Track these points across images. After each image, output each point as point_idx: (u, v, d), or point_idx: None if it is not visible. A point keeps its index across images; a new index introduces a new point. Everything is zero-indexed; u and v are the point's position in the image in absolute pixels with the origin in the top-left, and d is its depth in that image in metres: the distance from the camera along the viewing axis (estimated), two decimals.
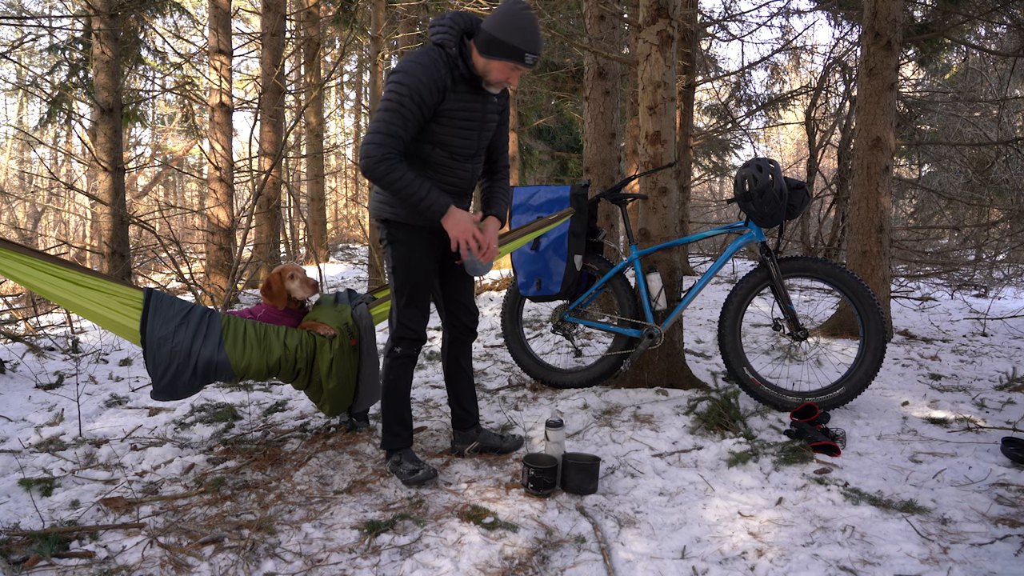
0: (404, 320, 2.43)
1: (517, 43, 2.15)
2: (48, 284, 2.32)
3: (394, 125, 2.16)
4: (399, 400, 2.49)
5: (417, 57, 2.20)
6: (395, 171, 2.15)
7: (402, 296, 2.43)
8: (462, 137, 2.33)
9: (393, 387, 2.48)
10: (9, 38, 16.78)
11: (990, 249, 8.09)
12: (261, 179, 6.84)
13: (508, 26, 2.15)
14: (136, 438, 2.89)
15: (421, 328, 2.46)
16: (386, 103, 2.18)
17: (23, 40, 11.62)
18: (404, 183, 2.16)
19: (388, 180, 2.16)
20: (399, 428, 2.49)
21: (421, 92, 2.16)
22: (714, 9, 33.94)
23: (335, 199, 21.02)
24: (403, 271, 2.41)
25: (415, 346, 2.48)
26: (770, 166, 3.10)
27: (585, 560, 1.86)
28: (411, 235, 2.39)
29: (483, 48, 2.19)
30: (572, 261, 3.41)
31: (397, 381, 2.48)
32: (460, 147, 2.34)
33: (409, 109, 2.16)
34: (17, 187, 17.32)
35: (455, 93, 2.25)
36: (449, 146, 2.32)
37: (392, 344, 2.46)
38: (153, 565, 1.82)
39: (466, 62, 2.22)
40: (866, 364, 3.04)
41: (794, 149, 25.66)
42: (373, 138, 2.16)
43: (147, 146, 17.19)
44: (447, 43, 2.21)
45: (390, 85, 2.19)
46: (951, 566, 1.78)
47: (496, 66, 2.21)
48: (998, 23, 6.68)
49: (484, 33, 2.18)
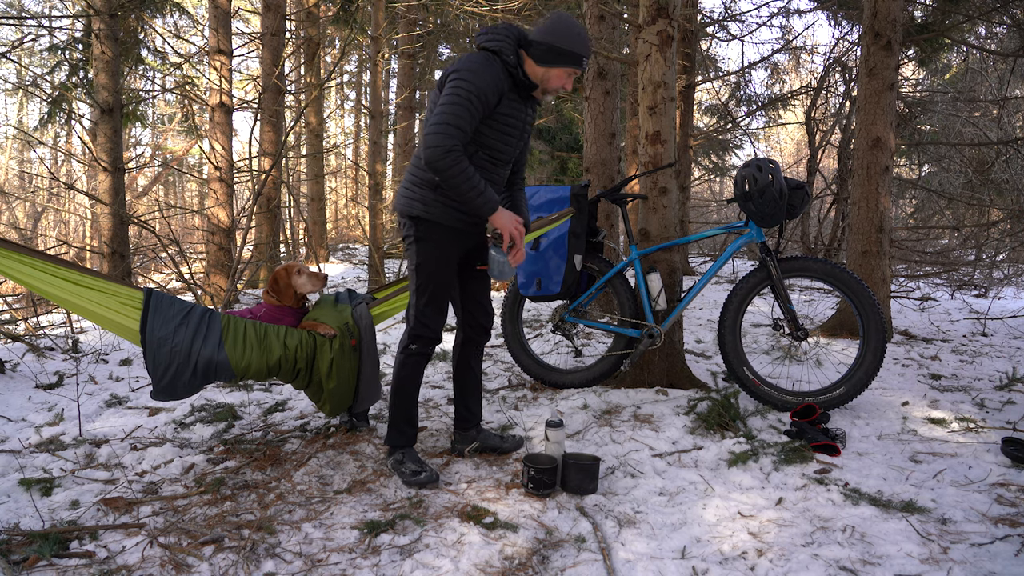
0: (423, 318, 2.43)
1: (576, 49, 2.29)
2: (48, 284, 2.32)
3: (462, 119, 2.17)
4: (409, 397, 2.48)
5: (477, 60, 2.25)
6: (461, 163, 2.17)
7: (424, 294, 2.42)
8: (505, 143, 2.38)
9: (404, 384, 2.47)
10: (9, 38, 16.78)
11: (990, 249, 8.09)
12: (261, 179, 6.84)
13: (566, 35, 2.27)
14: (136, 438, 2.89)
15: (439, 327, 2.46)
16: (453, 97, 2.18)
17: (23, 40, 11.61)
18: (466, 176, 2.18)
19: (453, 172, 2.17)
20: (406, 426, 2.48)
21: (486, 92, 2.21)
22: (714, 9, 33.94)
23: (335, 199, 21.02)
24: (428, 269, 2.40)
25: (431, 345, 2.47)
26: (770, 166, 3.10)
27: (585, 560, 1.86)
28: (441, 233, 2.38)
29: (542, 58, 2.30)
30: (572, 261, 3.41)
31: (409, 378, 2.48)
32: (502, 152, 2.39)
33: (475, 106, 2.19)
34: (17, 187, 17.32)
35: (507, 99, 2.31)
36: (493, 150, 2.36)
37: (407, 341, 2.45)
38: (153, 565, 1.82)
39: (522, 70, 2.31)
40: (866, 364, 3.04)
41: (794, 149, 25.66)
42: (443, 128, 2.15)
43: (147, 146, 17.19)
44: (505, 51, 2.28)
45: (455, 82, 2.20)
46: (951, 566, 1.78)
47: (556, 73, 2.33)
48: (998, 23, 6.68)
49: (541, 44, 2.28)
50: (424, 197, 2.36)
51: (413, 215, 2.38)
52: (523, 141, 2.48)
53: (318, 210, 11.64)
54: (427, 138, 2.17)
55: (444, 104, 2.19)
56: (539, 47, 2.28)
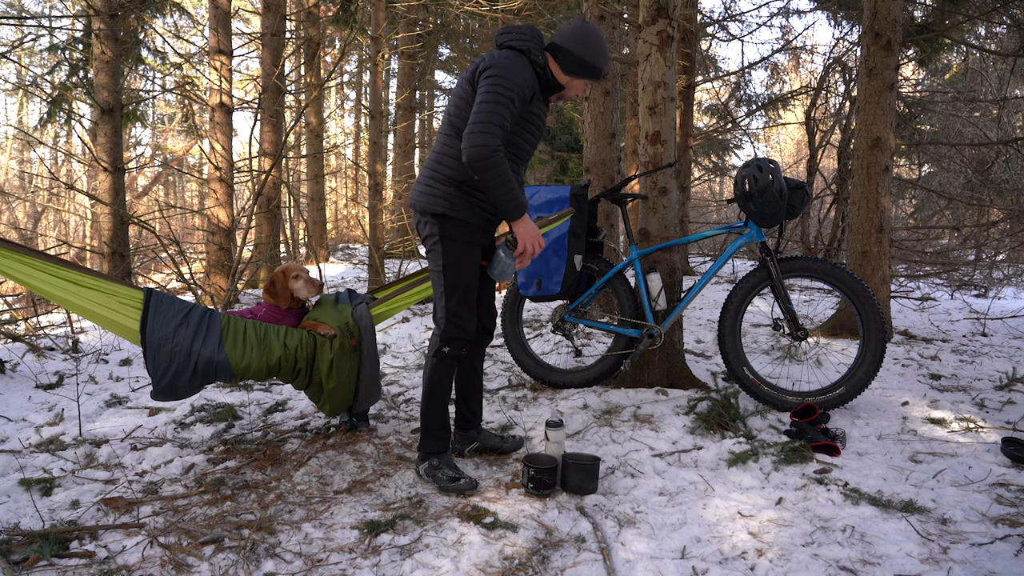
0: (456, 319, 2.37)
1: (601, 64, 2.33)
2: (48, 284, 2.32)
3: (504, 118, 2.17)
4: (443, 402, 2.44)
5: (511, 58, 2.24)
6: (502, 164, 2.15)
7: (454, 294, 2.36)
8: (529, 142, 2.38)
9: (439, 389, 2.43)
10: (9, 38, 16.78)
11: (990, 249, 8.09)
12: (261, 179, 6.84)
13: (594, 48, 2.31)
14: (136, 438, 2.89)
15: (472, 326, 2.41)
16: (494, 95, 2.15)
17: (23, 40, 11.61)
18: (505, 177, 2.16)
19: (494, 172, 2.14)
20: (441, 431, 2.44)
21: (523, 90, 2.22)
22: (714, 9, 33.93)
23: (335, 199, 21.01)
24: (456, 269, 2.35)
25: (465, 346, 2.43)
26: (770, 166, 3.10)
27: (585, 560, 1.86)
28: (466, 231, 2.35)
29: (568, 66, 2.33)
30: (572, 261, 3.41)
31: (443, 382, 2.43)
32: (524, 151, 2.39)
33: (515, 103, 2.19)
34: (17, 187, 17.31)
35: (535, 99, 2.32)
36: (517, 148, 2.35)
37: (440, 344, 2.39)
38: (153, 565, 1.82)
39: (549, 71, 2.33)
40: (866, 364, 3.04)
41: (794, 149, 25.65)
42: (487, 128, 2.12)
43: (147, 146, 17.18)
44: (534, 51, 2.28)
45: (493, 79, 2.18)
46: (951, 566, 1.79)
47: (577, 83, 2.39)
48: (998, 23, 6.68)
49: (568, 53, 2.31)
50: (448, 194, 2.31)
51: (437, 213, 2.32)
52: (539, 138, 2.48)
53: (318, 210, 11.63)
54: (470, 136, 2.13)
55: (485, 103, 2.16)
56: (567, 56, 2.30)
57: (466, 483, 2.31)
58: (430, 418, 2.44)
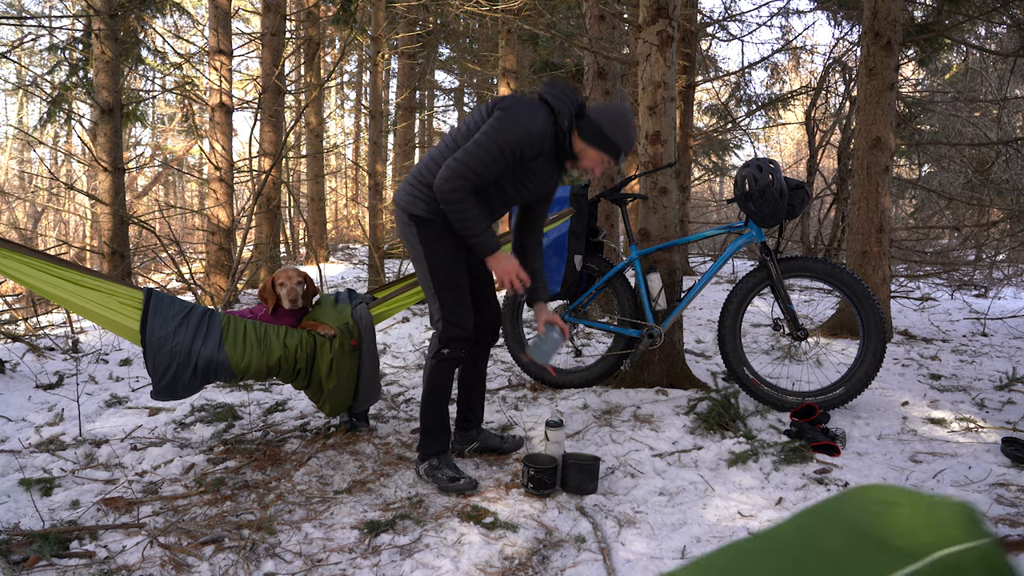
0: (453, 318, 2.36)
1: (620, 143, 2.27)
2: (48, 284, 2.32)
3: (485, 168, 2.17)
4: (443, 404, 2.44)
5: (532, 109, 2.22)
6: (466, 201, 2.17)
7: (447, 294, 2.36)
8: (520, 193, 2.38)
9: (439, 390, 2.42)
10: (9, 38, 16.78)
11: (990, 249, 8.09)
12: (261, 179, 6.83)
13: (618, 126, 2.25)
14: (136, 438, 2.89)
15: (470, 324, 2.39)
16: (489, 141, 2.17)
17: (23, 40, 11.61)
18: (468, 215, 2.19)
19: (456, 208, 2.18)
20: (441, 433, 2.44)
21: (525, 147, 2.20)
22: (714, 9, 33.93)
23: (335, 199, 21.00)
24: (443, 268, 2.35)
25: (466, 346, 2.41)
26: (770, 166, 3.10)
27: (585, 560, 1.86)
28: (444, 233, 2.35)
29: (587, 136, 2.28)
30: (572, 261, 3.41)
31: (443, 384, 2.42)
32: (511, 197, 2.39)
33: (505, 159, 2.19)
34: (17, 187, 17.31)
35: (542, 159, 2.30)
36: (504, 192, 2.35)
37: (440, 345, 2.38)
38: (153, 565, 1.82)
39: (569, 137, 2.29)
40: (866, 364, 3.04)
41: (794, 149, 25.65)
42: (462, 170, 2.15)
43: (147, 146, 17.18)
44: (564, 115, 2.25)
45: (494, 126, 2.18)
46: None
47: (592, 154, 2.30)
48: (998, 23, 6.68)
49: (592, 123, 2.26)
50: (429, 199, 2.31)
51: (416, 214, 2.33)
52: (540, 197, 2.46)
53: (318, 210, 11.63)
54: (441, 176, 2.16)
55: (472, 148, 2.17)
56: (589, 123, 2.26)
57: (466, 483, 2.31)
58: (430, 419, 2.44)
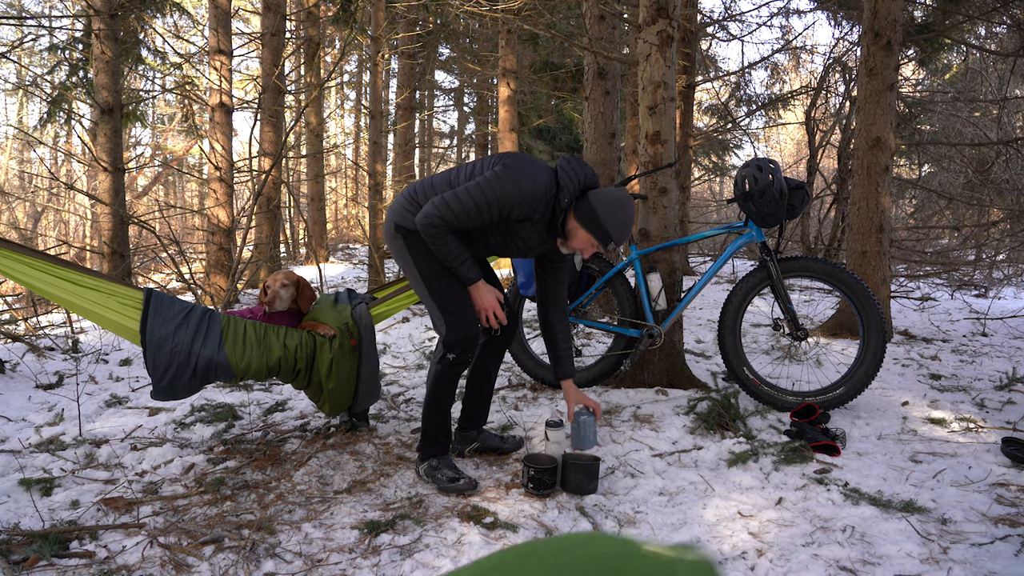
0: (457, 323, 2.33)
1: (613, 232, 2.24)
2: (48, 284, 2.32)
3: (467, 215, 2.20)
4: (445, 408, 2.44)
5: (534, 175, 2.22)
6: (442, 237, 2.23)
7: (444, 296, 2.34)
8: (505, 247, 2.40)
9: (442, 395, 2.41)
10: (9, 38, 16.77)
11: (990, 249, 8.09)
12: (261, 179, 6.83)
13: (613, 216, 2.23)
14: (136, 438, 2.89)
15: (475, 328, 2.36)
16: (478, 192, 2.19)
17: (23, 40, 11.61)
18: (446, 249, 2.25)
19: (434, 241, 2.23)
20: (441, 436, 2.44)
21: (512, 209, 2.22)
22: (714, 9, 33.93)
23: (335, 199, 21.01)
24: (436, 275, 2.33)
25: (471, 351, 2.37)
26: (770, 166, 3.10)
27: None
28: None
29: (581, 217, 2.25)
30: (572, 261, 3.41)
31: (447, 389, 2.41)
32: (495, 249, 2.43)
33: (491, 214, 2.22)
34: (17, 187, 17.31)
35: (532, 224, 2.30)
36: (488, 242, 2.39)
37: (444, 350, 2.35)
38: (153, 565, 1.82)
39: (564, 215, 2.27)
40: (866, 364, 3.04)
41: (794, 149, 25.65)
42: (443, 212, 2.19)
43: (147, 146, 17.18)
44: (566, 192, 2.23)
45: (494, 178, 2.20)
46: (951, 566, 1.78)
47: (582, 236, 2.27)
48: (998, 23, 6.68)
49: (589, 207, 2.23)
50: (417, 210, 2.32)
51: (402, 226, 2.34)
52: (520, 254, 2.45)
53: (318, 210, 11.63)
54: (429, 205, 2.21)
55: (465, 191, 2.19)
56: (586, 206, 2.24)
57: (465, 483, 2.31)
58: (431, 423, 2.43)
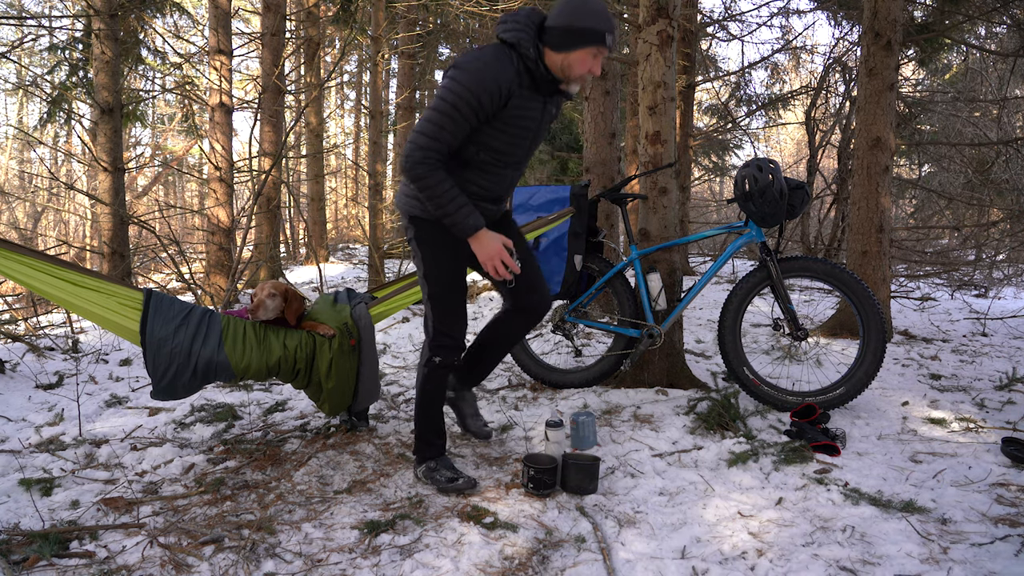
0: (443, 327, 2.29)
1: (596, 25, 2.00)
2: (48, 284, 2.33)
3: (444, 130, 2.00)
4: (435, 410, 2.42)
5: (483, 55, 2.01)
6: (433, 176, 2.02)
7: (439, 302, 2.28)
8: (515, 144, 2.17)
9: (431, 398, 2.39)
10: (9, 38, 16.77)
11: (990, 249, 8.09)
12: (261, 179, 6.83)
13: (581, 11, 2.00)
14: (136, 438, 2.89)
15: (462, 334, 2.32)
16: (440, 103, 2.00)
17: (23, 40, 11.61)
18: (439, 191, 2.04)
19: (424, 184, 2.03)
20: (434, 437, 2.42)
21: (481, 97, 1.99)
22: (714, 9, 33.90)
23: (335, 199, 21.00)
24: (436, 275, 2.27)
25: (455, 354, 2.34)
26: (770, 166, 3.10)
27: (585, 560, 1.86)
28: (437, 234, 2.22)
29: (559, 43, 2.02)
30: (572, 261, 3.41)
31: (435, 392, 2.39)
32: (510, 154, 2.19)
33: (464, 114, 2.00)
34: (17, 187, 17.31)
35: (519, 98, 2.07)
36: (498, 152, 2.16)
37: (430, 353, 2.32)
38: (153, 565, 1.82)
39: (541, 64, 2.05)
40: (866, 364, 3.04)
41: (794, 149, 25.64)
42: (418, 139, 2.01)
43: (147, 146, 17.18)
44: (523, 43, 2.02)
45: (447, 83, 2.00)
46: (951, 566, 1.78)
47: (578, 57, 2.04)
48: (998, 23, 6.68)
49: (555, 29, 2.01)
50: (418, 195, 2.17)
51: (413, 215, 2.25)
52: (538, 139, 2.25)
53: (318, 210, 11.63)
54: (406, 144, 2.03)
55: (428, 111, 2.02)
56: (553, 32, 2.01)
57: (464, 483, 2.31)
58: (424, 426, 2.42)
